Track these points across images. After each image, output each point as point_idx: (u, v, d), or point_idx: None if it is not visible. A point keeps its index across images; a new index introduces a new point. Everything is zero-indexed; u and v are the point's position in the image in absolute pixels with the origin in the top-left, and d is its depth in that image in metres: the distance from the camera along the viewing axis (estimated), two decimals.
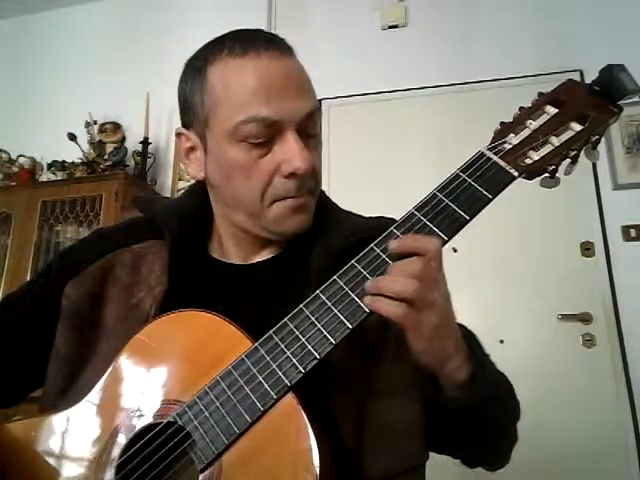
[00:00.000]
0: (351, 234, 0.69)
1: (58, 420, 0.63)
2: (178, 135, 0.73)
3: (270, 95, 0.63)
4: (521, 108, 0.63)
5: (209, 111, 0.67)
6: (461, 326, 0.64)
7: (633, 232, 2.19)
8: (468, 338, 0.62)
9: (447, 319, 0.56)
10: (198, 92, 0.68)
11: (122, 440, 0.58)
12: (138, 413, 0.59)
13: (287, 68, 0.66)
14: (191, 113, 0.70)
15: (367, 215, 0.78)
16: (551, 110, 0.62)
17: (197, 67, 0.69)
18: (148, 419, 0.58)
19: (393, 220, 0.74)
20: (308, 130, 0.67)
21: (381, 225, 0.74)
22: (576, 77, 2.34)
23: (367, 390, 0.62)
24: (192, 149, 0.71)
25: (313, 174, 0.68)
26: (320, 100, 2.73)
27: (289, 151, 0.64)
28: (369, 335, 0.63)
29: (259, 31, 0.70)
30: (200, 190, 0.78)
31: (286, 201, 0.67)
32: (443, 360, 0.57)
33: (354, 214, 0.79)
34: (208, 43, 0.71)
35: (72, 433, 0.62)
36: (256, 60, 0.64)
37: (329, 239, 0.70)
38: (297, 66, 0.68)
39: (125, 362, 0.62)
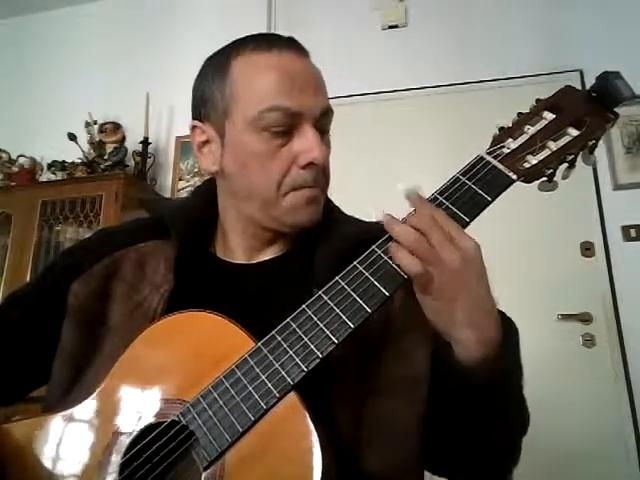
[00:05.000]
0: (353, 236, 0.69)
1: (62, 419, 0.63)
2: (193, 128, 0.74)
3: (292, 88, 0.67)
4: (519, 114, 0.64)
5: (230, 102, 0.70)
6: (509, 323, 0.64)
7: (633, 232, 2.19)
8: (507, 333, 0.59)
9: (460, 283, 0.54)
10: (219, 85, 0.71)
11: (125, 439, 0.59)
12: (142, 412, 0.59)
13: (307, 67, 0.71)
14: (209, 106, 0.72)
15: (368, 220, 0.78)
16: (549, 116, 0.63)
17: (220, 62, 0.72)
18: (151, 418, 0.59)
19: None
20: (323, 127, 0.70)
21: (382, 228, 0.74)
22: (576, 77, 2.35)
23: (367, 388, 0.62)
24: (206, 142, 0.73)
25: (325, 170, 0.71)
26: None
27: (308, 142, 0.67)
28: (371, 333, 0.63)
29: (279, 35, 0.74)
30: (206, 190, 0.79)
31: (301, 191, 0.69)
32: (450, 325, 0.55)
33: (355, 218, 0.79)
34: (230, 43, 0.74)
35: (75, 432, 0.62)
36: (280, 56, 0.69)
37: (332, 241, 0.71)
38: (315, 67, 0.73)
39: (129, 361, 0.63)
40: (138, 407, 0.60)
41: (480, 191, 0.59)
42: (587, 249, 2.22)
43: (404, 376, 0.64)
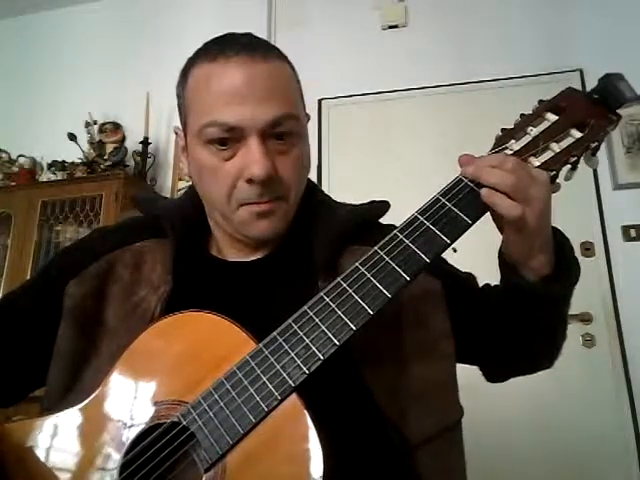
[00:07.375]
0: (347, 220, 0.71)
1: (61, 420, 0.63)
2: (175, 133, 0.77)
3: (231, 101, 0.65)
4: (522, 115, 0.64)
5: (186, 112, 0.71)
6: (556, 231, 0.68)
7: (633, 232, 2.19)
8: (561, 244, 0.66)
9: (546, 218, 0.59)
10: (181, 92, 0.72)
11: (126, 440, 0.58)
12: (142, 413, 0.59)
13: (254, 74, 0.66)
14: (179, 114, 0.74)
15: (359, 203, 0.79)
16: (551, 117, 0.63)
17: (184, 68, 0.72)
18: (152, 419, 0.58)
19: (385, 202, 0.77)
20: (277, 136, 0.67)
21: (375, 208, 0.76)
22: (576, 77, 2.35)
23: (395, 356, 0.64)
24: (184, 147, 0.74)
25: (280, 180, 0.68)
26: (320, 100, 2.74)
27: (248, 157, 0.65)
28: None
29: (245, 35, 0.71)
30: None
31: (251, 206, 0.68)
32: (528, 255, 0.61)
33: (346, 203, 0.80)
34: (202, 46, 0.73)
35: (75, 433, 0.62)
36: (224, 65, 0.66)
37: (326, 229, 0.71)
38: (269, 71, 0.67)
39: (129, 362, 0.63)
40: (138, 408, 0.60)
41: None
42: (587, 249, 2.21)
43: (426, 337, 0.67)
